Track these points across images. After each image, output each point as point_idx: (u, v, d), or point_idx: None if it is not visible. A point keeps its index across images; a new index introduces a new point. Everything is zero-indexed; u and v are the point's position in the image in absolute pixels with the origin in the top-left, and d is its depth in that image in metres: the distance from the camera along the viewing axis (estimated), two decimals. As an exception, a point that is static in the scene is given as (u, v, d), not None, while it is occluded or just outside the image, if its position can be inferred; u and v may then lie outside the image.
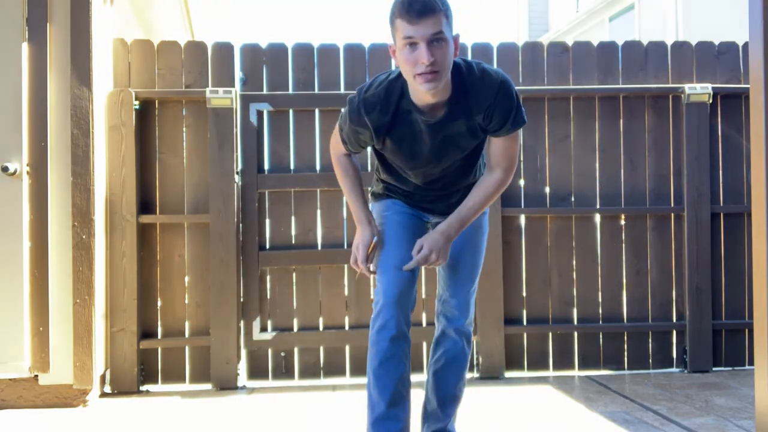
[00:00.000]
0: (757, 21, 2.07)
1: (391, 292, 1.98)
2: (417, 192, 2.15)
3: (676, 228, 3.70)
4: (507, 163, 2.01)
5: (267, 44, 3.62)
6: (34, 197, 3.05)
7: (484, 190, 2.01)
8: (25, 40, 3.04)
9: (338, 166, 2.15)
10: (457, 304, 2.20)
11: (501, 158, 2.00)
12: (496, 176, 2.01)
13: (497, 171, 2.01)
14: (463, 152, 2.02)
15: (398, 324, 1.97)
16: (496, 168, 2.01)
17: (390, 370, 1.98)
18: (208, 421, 2.86)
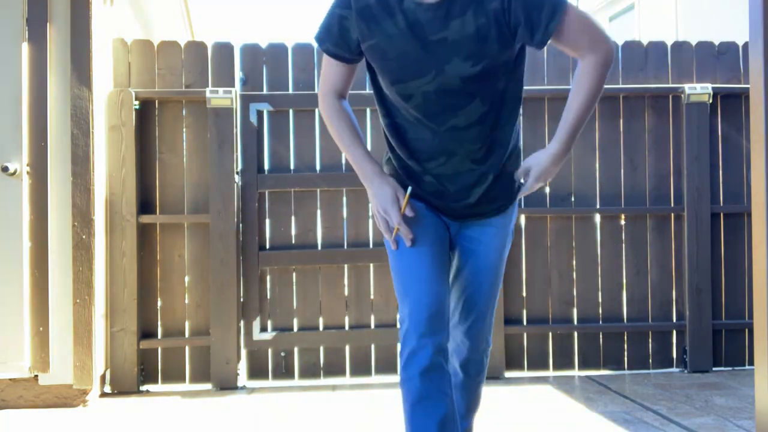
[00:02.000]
0: (757, 21, 2.07)
1: (420, 313, 1.59)
2: (432, 163, 1.68)
3: (676, 228, 3.70)
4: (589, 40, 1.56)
5: (267, 44, 3.62)
6: (34, 197, 3.05)
7: (587, 80, 1.58)
8: (25, 40, 3.04)
9: (327, 110, 1.73)
10: (467, 331, 1.81)
11: (581, 44, 1.56)
12: (589, 60, 1.57)
13: (586, 55, 1.58)
14: (473, 65, 1.55)
15: (430, 353, 1.57)
16: (583, 55, 1.58)
17: (427, 413, 1.56)
18: (208, 421, 2.86)
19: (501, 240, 1.81)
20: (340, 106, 1.73)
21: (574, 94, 1.60)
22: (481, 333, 1.83)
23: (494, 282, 1.82)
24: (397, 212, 1.64)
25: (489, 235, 1.79)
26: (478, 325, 1.82)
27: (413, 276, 1.65)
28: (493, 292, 1.83)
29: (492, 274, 1.81)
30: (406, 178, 1.73)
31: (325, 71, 1.71)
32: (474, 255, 1.80)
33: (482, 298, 1.81)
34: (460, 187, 1.70)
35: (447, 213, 1.76)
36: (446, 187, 1.70)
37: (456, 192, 1.70)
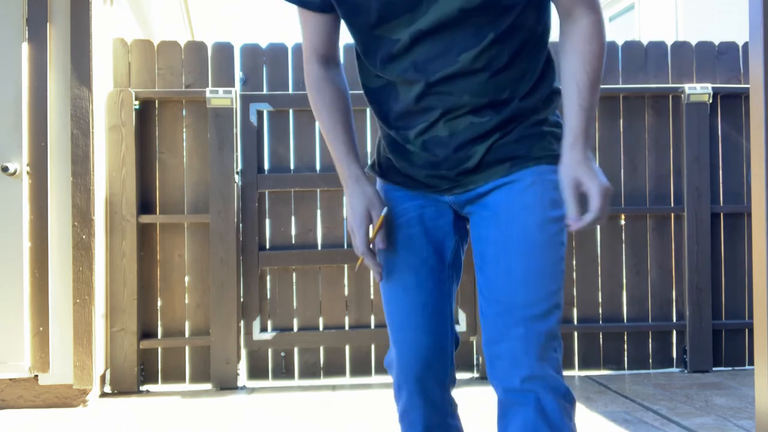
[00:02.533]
0: (757, 21, 2.07)
1: (408, 368, 1.34)
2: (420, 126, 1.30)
3: (676, 228, 3.70)
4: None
5: (267, 44, 3.62)
6: (34, 197, 3.05)
7: (591, 44, 1.22)
8: (25, 40, 3.04)
9: (307, 81, 1.38)
10: (510, 348, 1.23)
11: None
12: (590, 21, 1.23)
13: (582, 13, 1.23)
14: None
15: (422, 415, 1.37)
16: (577, 11, 1.23)
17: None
18: (208, 421, 2.86)
19: (536, 197, 1.26)
20: (322, 75, 1.37)
21: (577, 67, 1.23)
22: (530, 342, 1.22)
23: (536, 265, 1.23)
24: (362, 237, 1.30)
25: (515, 192, 1.28)
26: (524, 333, 1.22)
27: (395, 322, 1.36)
28: (536, 282, 1.23)
29: (528, 249, 1.24)
30: (393, 157, 1.38)
31: (302, 31, 1.38)
32: (493, 224, 1.29)
33: (517, 291, 1.23)
34: (456, 148, 1.29)
35: (443, 188, 1.35)
36: (436, 154, 1.30)
37: (449, 156, 1.30)
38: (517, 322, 1.23)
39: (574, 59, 1.23)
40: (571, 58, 1.24)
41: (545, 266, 1.25)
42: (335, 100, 1.36)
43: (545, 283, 1.24)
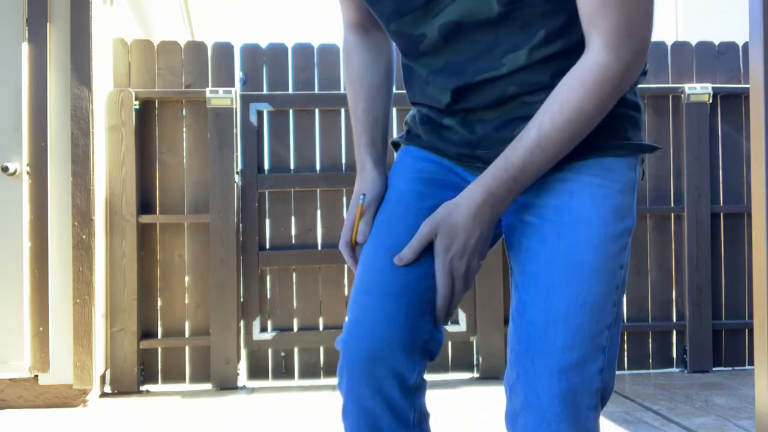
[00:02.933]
0: (757, 21, 2.07)
1: (358, 341, 1.02)
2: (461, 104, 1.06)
3: (676, 228, 3.70)
4: (611, 22, 0.89)
5: (267, 44, 3.62)
6: (34, 197, 3.05)
7: (567, 91, 0.92)
8: (25, 40, 3.04)
9: (343, 55, 1.22)
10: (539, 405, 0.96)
11: (595, 8, 0.90)
12: (592, 59, 0.91)
13: (593, 47, 0.91)
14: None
15: (371, 416, 1.00)
16: (590, 39, 0.92)
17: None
18: (208, 421, 2.86)
19: (595, 203, 1.00)
20: (355, 43, 1.19)
21: (552, 101, 0.94)
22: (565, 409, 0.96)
23: (584, 296, 0.97)
24: (345, 229, 1.13)
25: (567, 193, 1.01)
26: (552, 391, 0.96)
27: (363, 283, 1.08)
28: (581, 319, 0.97)
29: (576, 274, 0.97)
30: (423, 130, 1.15)
31: (341, 7, 1.22)
32: (536, 233, 1.02)
33: (555, 328, 0.97)
34: (499, 126, 1.05)
35: (476, 165, 1.10)
36: (475, 131, 1.07)
37: (489, 135, 1.06)
38: (551, 372, 0.96)
39: (550, 98, 0.94)
40: (551, 95, 0.95)
41: (596, 298, 0.97)
42: (363, 73, 1.17)
43: (593, 320, 0.97)
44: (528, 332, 0.99)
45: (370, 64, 1.18)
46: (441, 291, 1.01)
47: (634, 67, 0.91)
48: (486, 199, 0.98)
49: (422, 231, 1.01)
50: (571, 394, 0.96)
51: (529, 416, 0.98)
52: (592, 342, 0.97)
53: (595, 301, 0.97)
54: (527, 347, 0.99)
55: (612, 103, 0.93)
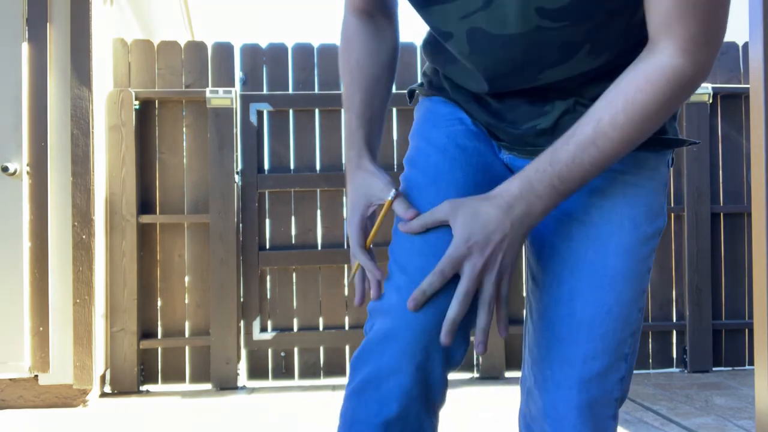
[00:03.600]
0: (757, 21, 2.07)
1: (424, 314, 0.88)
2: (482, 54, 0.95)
3: (676, 228, 3.70)
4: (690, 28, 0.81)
5: (267, 44, 3.62)
6: (34, 197, 3.05)
7: (634, 90, 0.83)
8: (25, 40, 3.04)
9: (341, 39, 1.09)
10: (557, 416, 0.94)
11: (672, 15, 0.81)
12: (665, 61, 0.82)
13: (664, 49, 0.83)
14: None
15: (410, 391, 0.88)
16: (660, 42, 0.83)
17: None
18: (208, 421, 2.86)
19: (627, 202, 0.94)
20: (356, 28, 1.06)
21: (608, 99, 0.85)
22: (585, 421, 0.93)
23: (610, 303, 0.93)
24: (356, 233, 1.00)
25: (598, 190, 0.95)
26: (572, 403, 0.93)
27: (415, 244, 0.93)
28: (605, 327, 0.93)
29: (603, 279, 0.93)
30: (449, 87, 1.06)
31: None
32: (561, 229, 0.97)
33: (578, 336, 0.93)
34: (533, 100, 0.99)
35: (502, 138, 1.02)
36: (504, 100, 1.01)
37: (520, 105, 1.00)
38: (572, 383, 0.92)
39: (612, 94, 0.85)
40: (612, 90, 0.85)
41: (622, 306, 0.93)
42: (364, 61, 1.04)
43: (618, 328, 0.93)
44: (548, 338, 0.95)
45: (372, 52, 1.05)
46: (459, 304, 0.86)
47: (707, 70, 0.85)
48: (523, 193, 0.86)
49: (441, 206, 0.89)
50: (591, 406, 0.93)
51: (545, 425, 0.95)
52: (616, 351, 0.94)
53: (622, 308, 0.93)
54: (547, 353, 0.95)
55: (678, 108, 0.88)
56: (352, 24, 1.07)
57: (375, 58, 1.05)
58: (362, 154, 1.02)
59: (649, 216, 0.95)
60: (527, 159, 0.97)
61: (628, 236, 0.94)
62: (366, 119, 1.03)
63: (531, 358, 0.99)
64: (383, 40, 1.07)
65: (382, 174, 0.99)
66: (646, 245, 0.95)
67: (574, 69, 0.93)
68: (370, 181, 0.99)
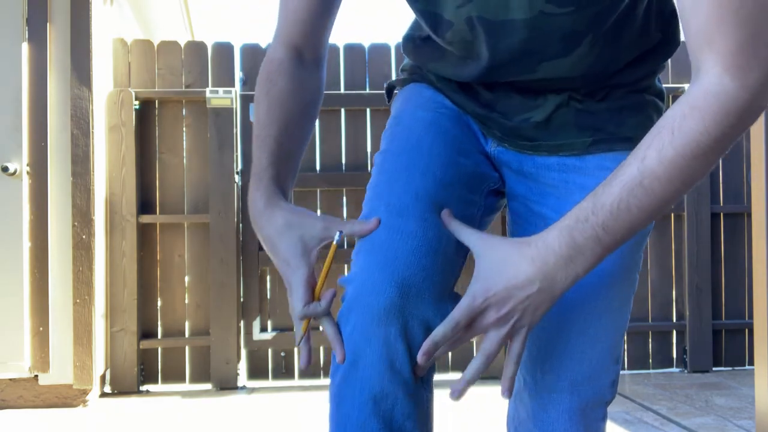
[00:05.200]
0: (757, 21, 2.06)
1: (398, 264, 0.80)
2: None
3: (676, 228, 3.70)
4: (732, 40, 0.69)
5: (267, 44, 3.62)
6: (34, 197, 3.05)
7: (680, 117, 0.72)
8: (25, 40, 3.04)
9: (262, 73, 0.97)
10: (546, 418, 0.93)
11: (711, 25, 0.70)
12: (713, 85, 0.71)
13: (709, 70, 0.71)
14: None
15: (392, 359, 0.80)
16: (703, 62, 0.72)
17: None
18: (208, 421, 2.86)
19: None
20: (284, 66, 0.95)
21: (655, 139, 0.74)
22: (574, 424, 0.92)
23: (600, 306, 0.92)
24: (302, 298, 0.87)
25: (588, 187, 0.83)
26: (563, 407, 0.91)
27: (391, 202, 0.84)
28: (596, 329, 0.91)
29: (592, 281, 0.88)
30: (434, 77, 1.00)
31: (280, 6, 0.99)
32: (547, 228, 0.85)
33: (568, 341, 0.91)
34: (526, 88, 0.95)
35: (491, 129, 0.96)
36: (495, 89, 0.96)
37: (512, 96, 0.95)
38: (563, 386, 0.91)
39: (657, 127, 0.74)
40: (658, 123, 0.75)
41: (614, 309, 0.92)
42: (286, 97, 0.94)
43: (610, 331, 0.91)
44: (539, 339, 0.91)
45: (295, 91, 0.95)
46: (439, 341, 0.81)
47: (763, 94, 0.71)
48: (562, 246, 0.75)
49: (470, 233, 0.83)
50: (582, 409, 0.91)
51: (535, 429, 0.93)
52: (608, 353, 0.92)
53: (614, 311, 0.91)
54: (537, 356, 0.92)
55: (734, 140, 0.74)
56: (279, 57, 0.96)
57: (299, 95, 0.95)
58: (272, 194, 0.88)
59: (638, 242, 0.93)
60: (517, 153, 0.95)
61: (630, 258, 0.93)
62: (279, 158, 0.91)
63: (520, 396, 0.96)
64: (310, 79, 0.98)
65: (305, 210, 0.88)
66: (636, 246, 0.94)
67: (573, 65, 0.89)
68: (298, 220, 0.86)
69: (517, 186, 0.97)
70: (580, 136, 0.92)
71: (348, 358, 0.81)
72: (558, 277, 0.76)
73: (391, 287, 0.78)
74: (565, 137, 0.93)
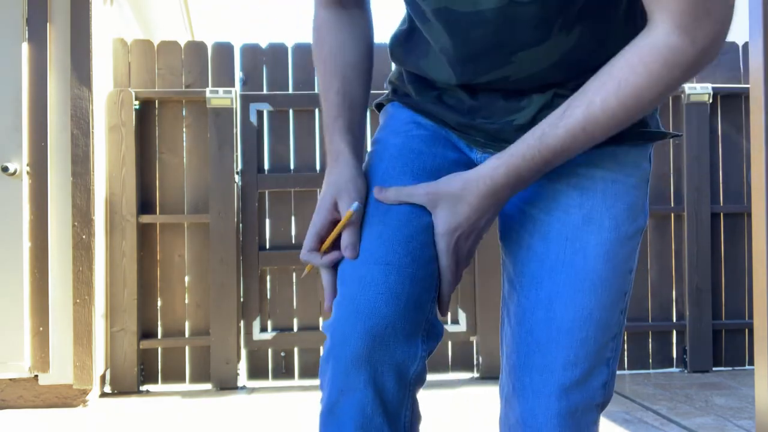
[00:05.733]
0: (757, 21, 2.07)
1: (364, 316, 0.83)
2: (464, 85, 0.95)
3: (676, 228, 3.70)
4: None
5: (267, 44, 3.62)
6: (34, 197, 3.05)
7: (627, 72, 0.79)
8: (25, 40, 3.04)
9: (313, 32, 1.07)
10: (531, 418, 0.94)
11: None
12: (661, 40, 0.77)
13: (660, 25, 0.77)
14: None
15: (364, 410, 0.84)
16: (655, 17, 0.78)
17: None
18: (208, 421, 2.86)
19: (607, 201, 0.91)
20: (327, 19, 1.02)
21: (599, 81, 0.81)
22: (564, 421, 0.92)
23: (590, 307, 0.90)
24: (312, 233, 0.92)
25: (579, 192, 0.92)
26: (552, 412, 0.91)
27: (364, 249, 0.87)
28: (586, 332, 0.90)
29: (582, 283, 0.90)
30: (414, 91, 1.01)
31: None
32: (538, 229, 0.94)
33: (558, 342, 0.90)
34: (508, 93, 0.93)
35: (476, 138, 0.97)
36: (477, 96, 0.96)
37: (495, 101, 0.94)
38: (551, 390, 0.90)
39: (605, 75, 0.80)
40: (605, 70, 0.81)
41: (603, 310, 0.90)
42: (337, 51, 1.00)
43: (599, 333, 0.90)
44: (527, 343, 0.92)
45: (345, 42, 1.00)
46: (447, 276, 0.89)
47: (710, 52, 0.77)
48: (509, 180, 0.85)
49: (419, 192, 0.88)
50: (571, 413, 0.91)
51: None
52: (597, 356, 0.91)
53: (603, 312, 0.90)
54: (525, 360, 0.92)
55: (677, 88, 0.83)
56: (322, 16, 1.02)
57: (349, 46, 1.00)
58: (341, 147, 0.94)
59: (630, 215, 0.92)
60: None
61: (608, 236, 0.90)
62: (345, 108, 0.96)
63: (509, 365, 0.96)
64: (357, 28, 1.02)
65: (357, 176, 0.92)
66: (627, 245, 0.92)
67: (549, 52, 0.87)
68: (343, 182, 0.91)
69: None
70: None
71: (326, 402, 0.87)
72: (504, 202, 0.88)
73: (357, 339, 0.82)
74: None
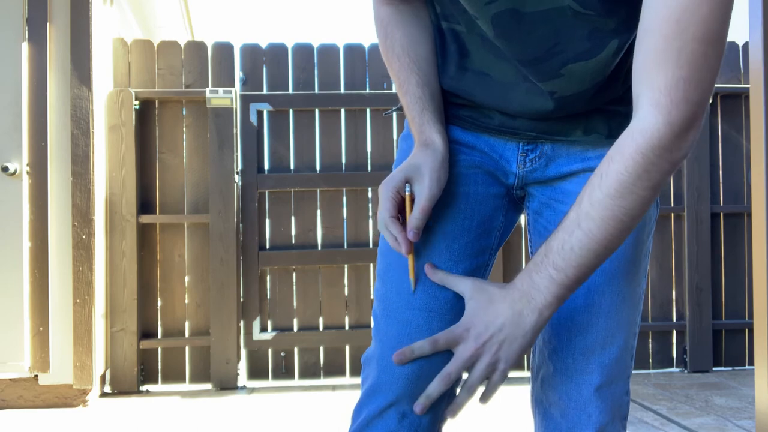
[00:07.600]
0: (757, 21, 2.07)
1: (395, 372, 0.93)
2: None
3: (676, 228, 3.70)
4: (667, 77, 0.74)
5: (267, 44, 3.62)
6: (34, 197, 3.05)
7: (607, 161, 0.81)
8: (25, 40, 3.04)
9: (377, 30, 1.04)
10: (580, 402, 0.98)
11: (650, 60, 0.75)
12: (636, 124, 0.78)
13: (641, 107, 0.77)
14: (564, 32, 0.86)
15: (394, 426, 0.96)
16: (640, 97, 0.77)
17: None
18: (208, 421, 2.86)
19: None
20: (391, 15, 1.01)
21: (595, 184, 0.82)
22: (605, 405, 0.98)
23: (624, 290, 0.97)
24: (386, 210, 0.93)
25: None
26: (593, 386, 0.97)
27: (403, 296, 0.95)
28: (620, 313, 0.97)
29: (617, 267, 0.96)
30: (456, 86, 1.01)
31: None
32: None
33: (596, 324, 0.97)
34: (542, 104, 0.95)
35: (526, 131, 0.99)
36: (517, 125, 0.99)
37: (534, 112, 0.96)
38: (593, 368, 0.97)
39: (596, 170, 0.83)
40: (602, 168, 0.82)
41: (632, 289, 0.98)
42: (408, 44, 0.99)
43: (630, 311, 0.98)
44: (568, 328, 0.98)
45: (414, 35, 0.99)
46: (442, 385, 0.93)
47: (687, 135, 0.75)
48: (524, 288, 0.88)
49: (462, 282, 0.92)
50: (609, 385, 0.98)
51: (568, 408, 0.99)
52: (629, 331, 0.99)
53: (632, 292, 0.98)
54: (567, 343, 0.98)
55: (662, 176, 0.78)
56: (385, 12, 1.02)
57: (419, 40, 1.00)
58: (432, 137, 0.96)
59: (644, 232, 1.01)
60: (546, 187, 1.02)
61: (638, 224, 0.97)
62: (429, 99, 0.98)
63: (548, 349, 1.01)
64: (423, 20, 1.01)
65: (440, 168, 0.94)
66: (646, 226, 0.99)
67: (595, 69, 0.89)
68: (427, 169, 0.94)
69: (534, 189, 1.04)
70: (601, 126, 0.97)
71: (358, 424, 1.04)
72: (524, 312, 0.88)
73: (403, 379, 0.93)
74: (586, 130, 0.97)
